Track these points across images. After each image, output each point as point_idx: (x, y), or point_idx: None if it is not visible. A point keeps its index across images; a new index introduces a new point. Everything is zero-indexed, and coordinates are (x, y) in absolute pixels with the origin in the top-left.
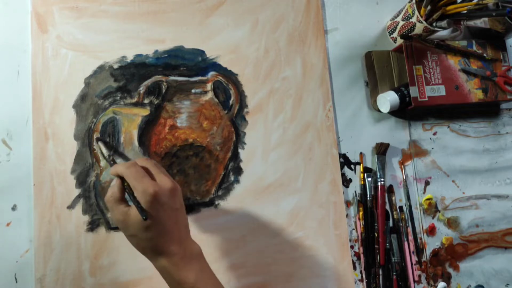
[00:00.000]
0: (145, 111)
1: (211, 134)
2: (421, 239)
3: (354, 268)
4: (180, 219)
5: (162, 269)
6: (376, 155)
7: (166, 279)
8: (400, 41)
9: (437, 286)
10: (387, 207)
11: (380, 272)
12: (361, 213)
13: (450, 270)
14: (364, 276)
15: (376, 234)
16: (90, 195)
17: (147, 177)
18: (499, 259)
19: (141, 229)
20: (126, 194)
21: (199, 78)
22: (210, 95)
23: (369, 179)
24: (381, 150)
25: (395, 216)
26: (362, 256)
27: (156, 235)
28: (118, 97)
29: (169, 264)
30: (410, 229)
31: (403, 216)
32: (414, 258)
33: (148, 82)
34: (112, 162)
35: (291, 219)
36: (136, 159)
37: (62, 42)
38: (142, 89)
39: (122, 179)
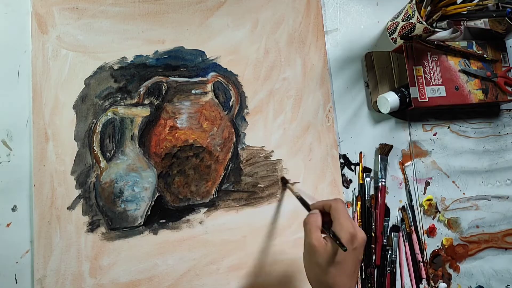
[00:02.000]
0: (145, 112)
1: (211, 134)
2: (421, 239)
3: None
4: (357, 271)
5: None
6: (379, 156)
7: None
8: (400, 41)
9: (437, 287)
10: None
11: (375, 272)
12: (358, 207)
13: (451, 271)
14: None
15: (373, 234)
16: (90, 196)
17: (350, 219)
18: (499, 259)
19: (329, 262)
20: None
21: (199, 78)
22: (210, 95)
23: (368, 179)
24: (385, 151)
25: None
26: None
27: (339, 274)
28: (118, 98)
29: None
30: (413, 229)
31: (406, 216)
32: (418, 258)
33: (148, 82)
34: (302, 201)
35: (291, 219)
36: (337, 199)
37: (62, 43)
38: (142, 89)
39: (323, 214)
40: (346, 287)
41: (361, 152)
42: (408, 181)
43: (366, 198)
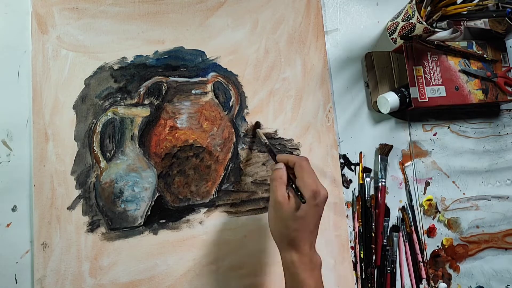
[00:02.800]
0: (145, 112)
1: (211, 135)
2: (421, 240)
3: (355, 268)
4: (317, 226)
5: (290, 264)
6: (379, 156)
7: (287, 274)
8: (400, 41)
9: (437, 287)
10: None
11: (375, 272)
12: (358, 207)
13: (451, 271)
14: (359, 274)
15: (373, 234)
16: (90, 196)
17: (314, 176)
18: (499, 260)
19: (292, 217)
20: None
21: (199, 79)
22: (210, 96)
23: (368, 179)
24: (385, 151)
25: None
26: (357, 252)
27: (301, 228)
28: (118, 98)
29: (298, 261)
30: (413, 229)
31: (405, 216)
32: (418, 258)
33: (148, 83)
34: (270, 149)
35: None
36: (301, 156)
37: (62, 43)
38: (142, 90)
39: (287, 168)
40: (306, 240)
41: (361, 152)
42: (408, 181)
43: (366, 198)
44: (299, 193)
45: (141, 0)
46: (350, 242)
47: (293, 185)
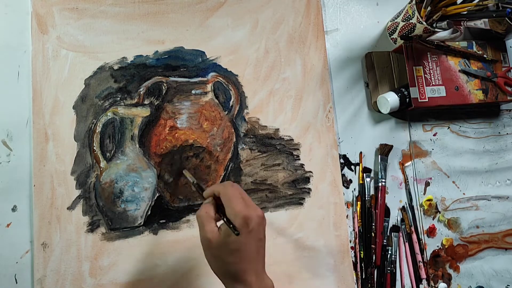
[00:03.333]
0: (145, 112)
1: (211, 135)
2: (421, 240)
3: (355, 268)
4: (261, 251)
5: None
6: (379, 156)
7: None
8: (400, 42)
9: (437, 287)
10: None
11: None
12: (359, 207)
13: (451, 271)
14: (359, 274)
15: (373, 234)
16: (90, 196)
17: (242, 201)
18: (499, 260)
19: (227, 252)
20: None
21: (199, 79)
22: (210, 96)
23: (368, 179)
24: (385, 151)
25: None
26: (357, 252)
27: (239, 261)
28: (118, 98)
29: None
30: (413, 229)
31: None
32: (418, 259)
33: (148, 83)
34: (198, 187)
35: (292, 220)
36: (226, 183)
37: (62, 43)
38: (142, 90)
39: (216, 200)
40: (250, 271)
41: (361, 152)
42: (408, 181)
43: (366, 199)
44: (231, 225)
45: (141, 0)
46: (350, 242)
47: (224, 218)
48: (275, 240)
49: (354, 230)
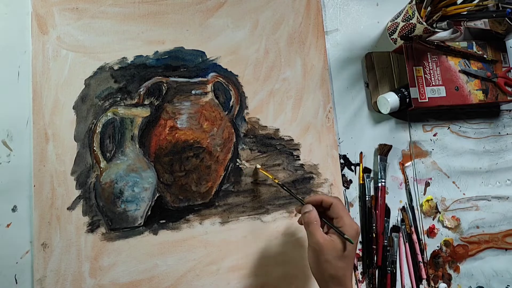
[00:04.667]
0: (146, 112)
1: (211, 135)
2: (421, 240)
3: (356, 269)
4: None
5: None
6: (378, 156)
7: None
8: (400, 42)
9: (437, 287)
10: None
11: (377, 272)
12: (359, 207)
13: (451, 271)
14: (360, 276)
15: (374, 235)
16: (90, 196)
17: (350, 216)
18: (499, 260)
19: (338, 257)
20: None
21: (199, 79)
22: (210, 96)
23: (367, 179)
24: (384, 151)
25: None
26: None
27: (346, 267)
28: (119, 98)
29: None
30: (413, 229)
31: (406, 216)
32: (418, 259)
33: (148, 83)
34: (290, 190)
35: (292, 220)
36: (334, 196)
37: (62, 43)
38: (142, 90)
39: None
40: (350, 277)
41: (361, 153)
42: (408, 182)
43: (367, 199)
44: (345, 236)
45: (141, 1)
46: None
47: (336, 228)
48: (275, 240)
49: None
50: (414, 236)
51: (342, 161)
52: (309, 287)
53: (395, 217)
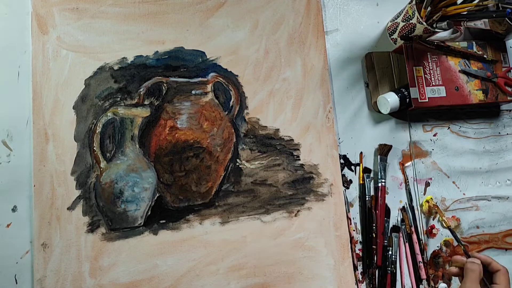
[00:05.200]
0: (146, 112)
1: (211, 135)
2: (421, 240)
3: (356, 269)
4: None
5: None
6: (378, 156)
7: None
8: (400, 42)
9: (437, 287)
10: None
11: (377, 272)
12: (359, 207)
13: None
14: (360, 276)
15: (374, 235)
16: (90, 196)
17: None
18: (499, 260)
19: None
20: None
21: (199, 79)
22: (210, 96)
23: (367, 179)
24: (384, 151)
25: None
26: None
27: None
28: (119, 98)
29: None
30: (413, 229)
31: (406, 217)
32: (418, 259)
33: (148, 83)
34: (466, 249)
35: (292, 220)
36: (502, 266)
37: (62, 43)
38: (142, 90)
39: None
40: None
41: (361, 153)
42: (408, 182)
43: (367, 199)
44: None
45: (141, 1)
46: (350, 242)
47: None
48: (275, 240)
49: (354, 230)
50: (414, 236)
51: (342, 161)
52: (309, 286)
53: (395, 217)
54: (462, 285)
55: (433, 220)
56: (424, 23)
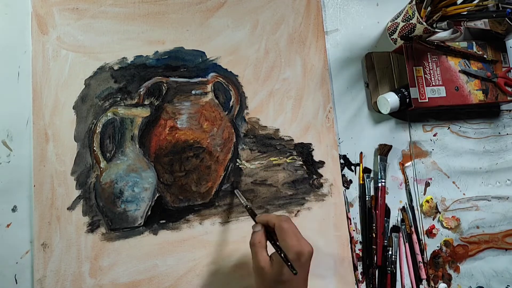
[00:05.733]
0: (146, 112)
1: (211, 135)
2: (421, 240)
3: (356, 269)
4: (306, 283)
5: None
6: (378, 156)
7: None
8: (400, 42)
9: (437, 287)
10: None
11: (377, 272)
12: (359, 208)
13: (451, 271)
14: (360, 276)
15: (374, 235)
16: (90, 196)
17: (295, 236)
18: (499, 260)
19: (278, 281)
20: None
21: (199, 79)
22: (210, 96)
23: (367, 179)
24: (384, 151)
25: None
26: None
27: None
28: (119, 98)
29: None
30: (413, 229)
31: (406, 217)
32: (418, 259)
33: (148, 83)
34: (250, 210)
35: (292, 220)
36: (281, 216)
37: (62, 43)
38: (142, 90)
39: (266, 228)
40: None
41: (361, 153)
42: (408, 182)
43: (367, 199)
44: (288, 263)
45: (141, 1)
46: (350, 242)
47: (282, 254)
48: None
49: (354, 230)
50: (414, 236)
51: (342, 161)
52: (309, 286)
53: (395, 217)
54: (252, 262)
55: (433, 220)
56: (424, 23)
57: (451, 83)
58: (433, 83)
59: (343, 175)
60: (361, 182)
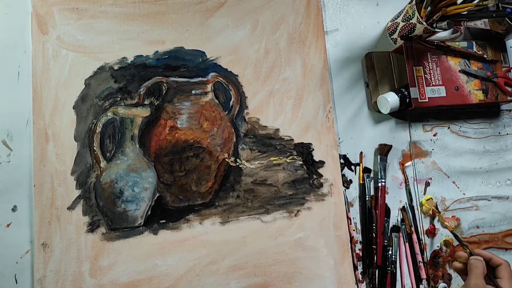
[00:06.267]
0: (146, 112)
1: (211, 135)
2: (421, 240)
3: (356, 269)
4: None
5: None
6: (378, 156)
7: None
8: (400, 42)
9: (437, 287)
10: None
11: (377, 272)
12: (359, 207)
13: (451, 271)
14: (360, 276)
15: (374, 235)
16: (90, 196)
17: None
18: None
19: None
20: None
21: (200, 79)
22: (210, 96)
23: (367, 179)
24: (384, 151)
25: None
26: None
27: None
28: (119, 98)
29: None
30: (413, 229)
31: (406, 217)
32: (418, 259)
33: (148, 83)
34: (468, 249)
35: (292, 220)
36: (504, 260)
37: (62, 43)
38: (142, 90)
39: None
40: None
41: (361, 153)
42: (408, 182)
43: (367, 199)
44: None
45: (141, 1)
46: (350, 242)
47: (496, 285)
48: (275, 240)
49: (354, 230)
50: (414, 236)
51: (342, 161)
52: (309, 286)
53: (395, 217)
54: (467, 281)
55: (433, 220)
56: (424, 23)
57: (451, 83)
58: (433, 83)
59: (343, 175)
60: (361, 182)
